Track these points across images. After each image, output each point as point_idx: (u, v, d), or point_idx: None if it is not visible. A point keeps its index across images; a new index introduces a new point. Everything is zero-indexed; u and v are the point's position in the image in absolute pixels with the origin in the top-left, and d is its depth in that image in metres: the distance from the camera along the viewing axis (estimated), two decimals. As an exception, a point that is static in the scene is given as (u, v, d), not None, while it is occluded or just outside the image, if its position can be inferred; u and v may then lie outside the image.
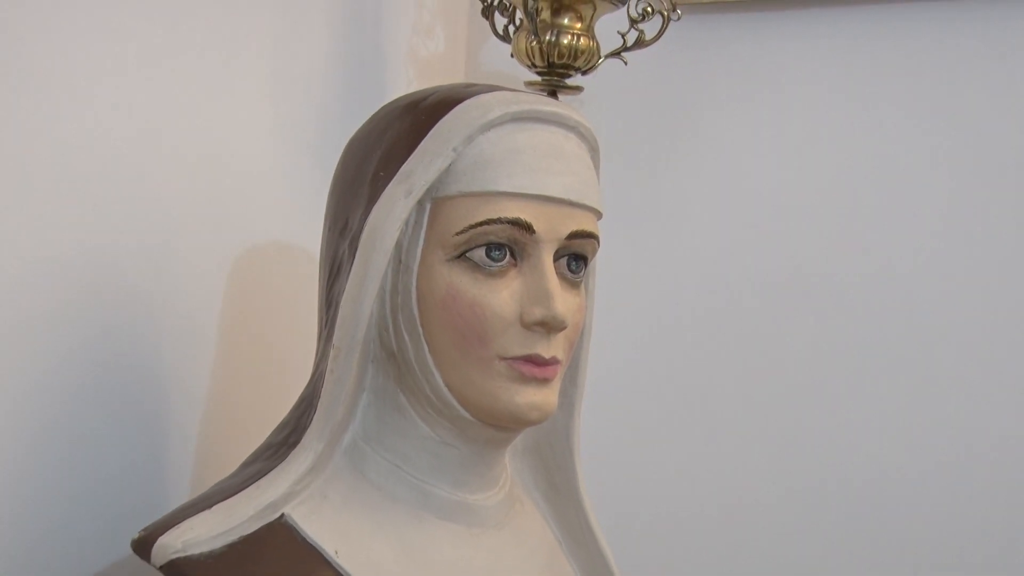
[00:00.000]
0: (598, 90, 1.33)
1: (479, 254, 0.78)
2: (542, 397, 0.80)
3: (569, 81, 1.23)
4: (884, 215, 1.33)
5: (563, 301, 0.79)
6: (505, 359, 0.79)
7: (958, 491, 1.29)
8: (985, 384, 1.28)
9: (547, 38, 1.19)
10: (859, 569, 1.32)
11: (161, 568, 0.75)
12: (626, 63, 1.28)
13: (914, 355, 1.30)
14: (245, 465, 0.84)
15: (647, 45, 1.25)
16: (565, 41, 1.19)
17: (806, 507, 1.33)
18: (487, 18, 1.26)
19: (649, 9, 1.24)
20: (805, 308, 1.35)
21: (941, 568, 1.30)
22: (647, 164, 1.41)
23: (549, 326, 0.78)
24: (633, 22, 1.25)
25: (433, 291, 0.79)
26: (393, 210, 0.79)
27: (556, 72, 1.21)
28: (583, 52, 1.20)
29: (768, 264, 1.37)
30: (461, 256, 0.79)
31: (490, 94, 0.81)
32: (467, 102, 0.80)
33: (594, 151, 0.85)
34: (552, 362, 0.80)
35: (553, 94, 1.21)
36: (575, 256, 0.82)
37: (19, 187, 0.85)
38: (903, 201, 1.32)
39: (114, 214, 0.94)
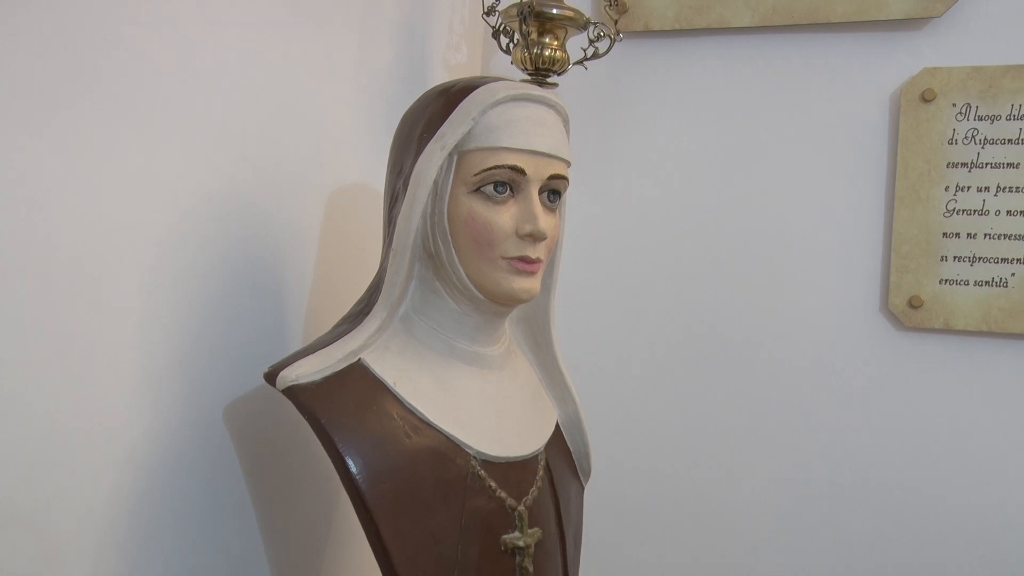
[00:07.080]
0: (568, 86, 1.29)
1: (489, 189, 0.76)
2: (530, 284, 0.79)
3: (549, 80, 1.19)
4: (757, 171, 1.30)
5: (544, 221, 0.77)
6: (505, 258, 0.77)
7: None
8: (822, 274, 1.28)
9: (535, 51, 1.15)
10: (731, 396, 1.31)
11: (283, 391, 0.74)
12: (587, 68, 1.25)
13: (774, 250, 1.30)
14: (335, 326, 0.82)
15: (600, 57, 1.21)
16: (547, 53, 1.15)
17: (702, 346, 1.33)
18: (495, 39, 1.21)
19: (602, 33, 1.19)
20: (701, 228, 1.33)
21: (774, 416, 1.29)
22: (600, 135, 1.38)
23: (534, 237, 0.77)
24: (591, 41, 1.20)
25: (458, 213, 0.77)
26: (432, 159, 0.76)
27: (540, 73, 1.17)
28: (558, 61, 1.16)
29: (679, 201, 1.34)
30: (477, 190, 0.77)
31: (497, 83, 0.78)
32: (481, 88, 0.78)
33: (566, 122, 0.83)
34: (537, 261, 0.78)
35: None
36: (552, 191, 0.80)
37: (185, 145, 0.81)
38: (768, 164, 1.30)
39: (252, 162, 0.90)
